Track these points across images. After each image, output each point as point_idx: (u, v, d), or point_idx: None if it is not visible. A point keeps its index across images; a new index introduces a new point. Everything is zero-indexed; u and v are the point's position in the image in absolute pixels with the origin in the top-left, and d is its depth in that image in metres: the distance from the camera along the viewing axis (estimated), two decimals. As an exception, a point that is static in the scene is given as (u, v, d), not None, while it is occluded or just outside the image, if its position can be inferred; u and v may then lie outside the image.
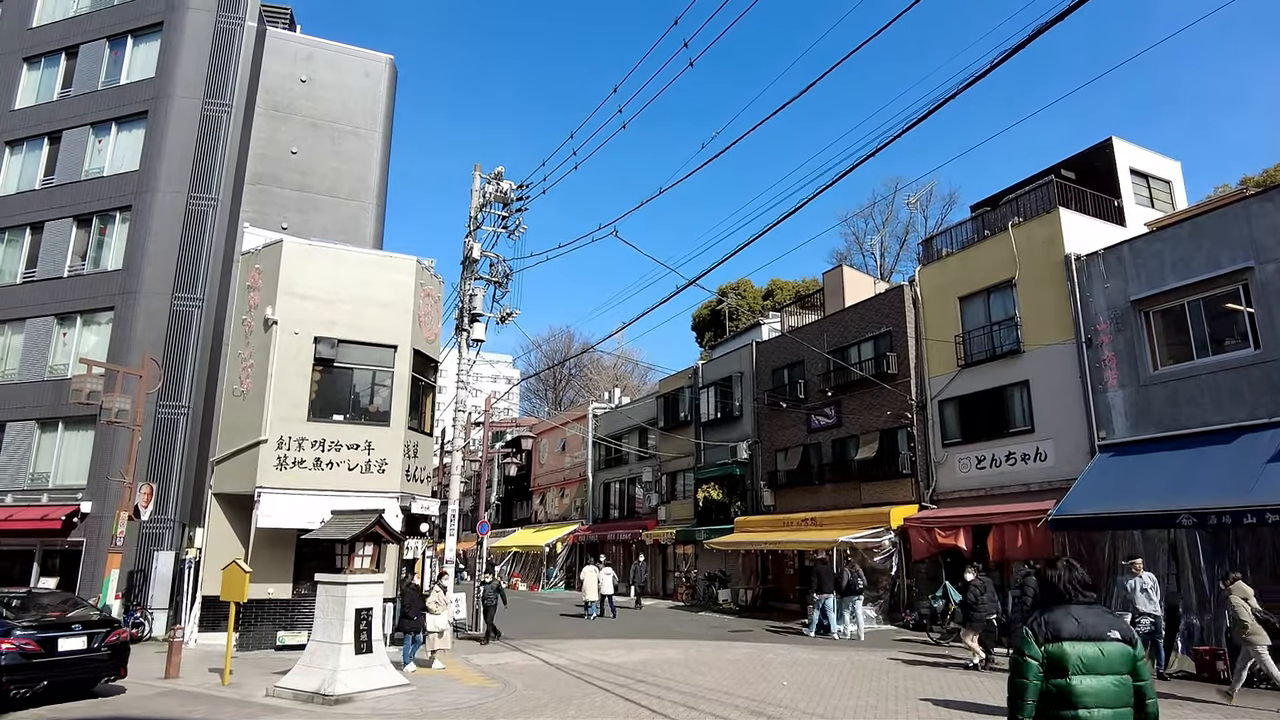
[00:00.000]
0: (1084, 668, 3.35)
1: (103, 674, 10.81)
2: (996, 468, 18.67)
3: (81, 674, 10.59)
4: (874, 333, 22.64)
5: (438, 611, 13.67)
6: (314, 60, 25.67)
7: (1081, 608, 3.47)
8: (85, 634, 10.56)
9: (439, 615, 13.72)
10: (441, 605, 13.79)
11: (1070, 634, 3.39)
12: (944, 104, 8.34)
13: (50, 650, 10.13)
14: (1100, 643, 3.37)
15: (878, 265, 44.21)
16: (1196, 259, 15.00)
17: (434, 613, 13.59)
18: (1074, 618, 3.43)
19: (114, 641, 10.87)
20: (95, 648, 10.58)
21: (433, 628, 13.57)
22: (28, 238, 22.87)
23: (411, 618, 13.21)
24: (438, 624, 13.68)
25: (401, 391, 17.15)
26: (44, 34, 24.51)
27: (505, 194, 19.78)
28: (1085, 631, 3.39)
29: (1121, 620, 3.47)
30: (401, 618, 13.52)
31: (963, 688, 11.48)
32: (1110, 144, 20.47)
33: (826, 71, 9.22)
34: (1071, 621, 3.42)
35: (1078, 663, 3.34)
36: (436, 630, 13.64)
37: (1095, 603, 3.52)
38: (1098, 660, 3.35)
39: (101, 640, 10.69)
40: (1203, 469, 13.76)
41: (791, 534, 23.15)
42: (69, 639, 10.39)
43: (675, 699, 10.42)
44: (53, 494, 20.17)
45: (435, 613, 13.62)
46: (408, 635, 13.24)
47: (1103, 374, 16.52)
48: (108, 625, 11.08)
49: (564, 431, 42.23)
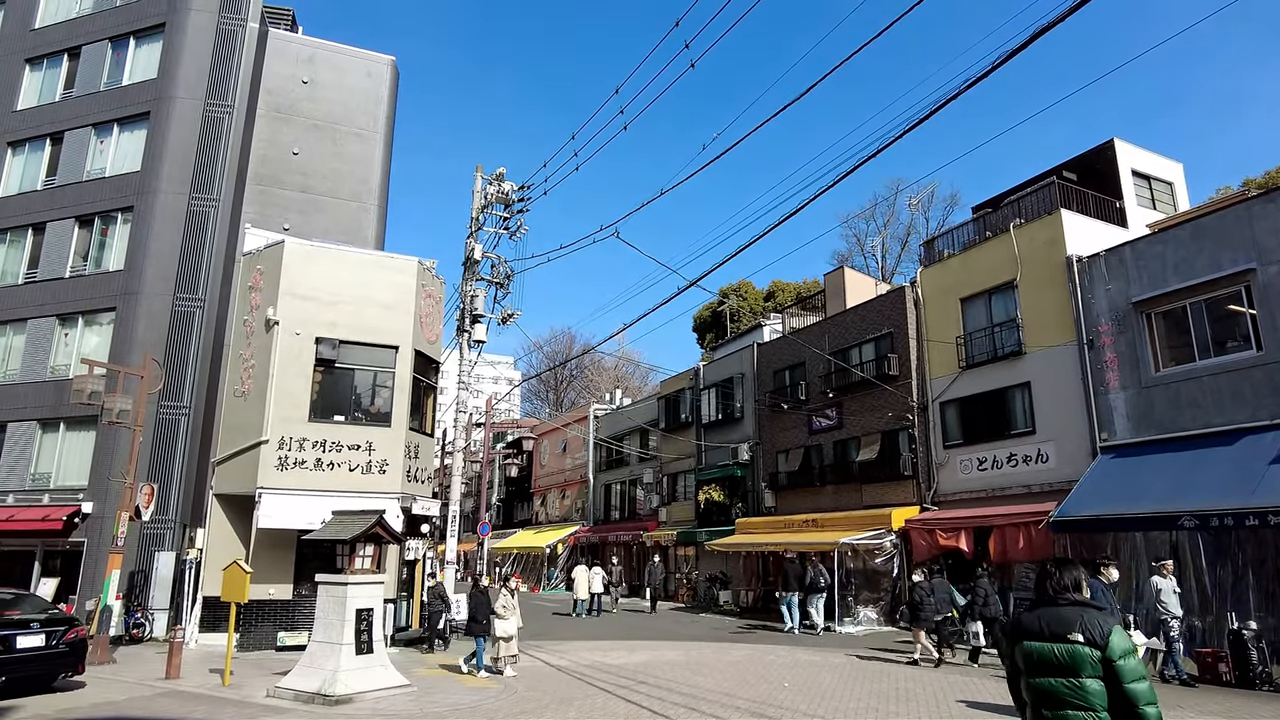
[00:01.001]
0: (1036, 668, 3.35)
1: (61, 670, 11.29)
2: (998, 469, 18.66)
3: (40, 670, 11.05)
4: (875, 334, 22.63)
5: (506, 616, 12.84)
6: (316, 61, 25.69)
7: (1057, 608, 3.42)
8: (44, 632, 11.01)
9: (508, 619, 12.87)
10: (509, 609, 12.92)
11: (1030, 634, 3.40)
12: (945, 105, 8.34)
13: (9, 648, 10.53)
14: (1057, 643, 3.32)
15: (879, 267, 44.21)
16: (1198, 261, 14.99)
17: (502, 617, 12.78)
18: (1040, 618, 3.41)
19: (72, 639, 11.33)
20: (54, 645, 11.03)
21: (501, 633, 12.77)
22: (30, 238, 22.90)
23: (481, 621, 12.63)
24: (506, 629, 12.84)
25: (403, 392, 17.15)
26: (46, 35, 24.55)
27: (507, 195, 19.81)
28: (1044, 632, 3.37)
29: (1096, 621, 3.31)
30: (470, 621, 12.89)
31: (964, 689, 11.46)
32: (1112, 145, 20.46)
33: (828, 73, 9.23)
34: (1035, 622, 3.41)
35: (1030, 663, 3.37)
36: (505, 635, 12.83)
37: (1084, 604, 3.41)
38: (1048, 661, 3.32)
39: (59, 638, 11.16)
40: (1204, 471, 13.75)
41: (792, 535, 23.13)
42: (27, 637, 10.81)
43: (676, 700, 10.41)
44: (54, 494, 20.18)
45: (503, 617, 12.81)
46: (478, 639, 12.70)
47: (1104, 376, 16.50)
48: (66, 623, 11.50)
49: (565, 433, 42.23)
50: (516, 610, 13.00)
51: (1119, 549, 15.11)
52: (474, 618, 12.80)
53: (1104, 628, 3.27)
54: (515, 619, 13.00)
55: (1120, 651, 3.23)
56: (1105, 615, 3.35)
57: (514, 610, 12.96)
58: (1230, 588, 13.11)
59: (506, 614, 12.87)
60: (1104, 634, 3.26)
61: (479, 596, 12.92)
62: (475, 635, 12.78)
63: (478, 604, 12.83)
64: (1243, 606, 12.76)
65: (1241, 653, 12.00)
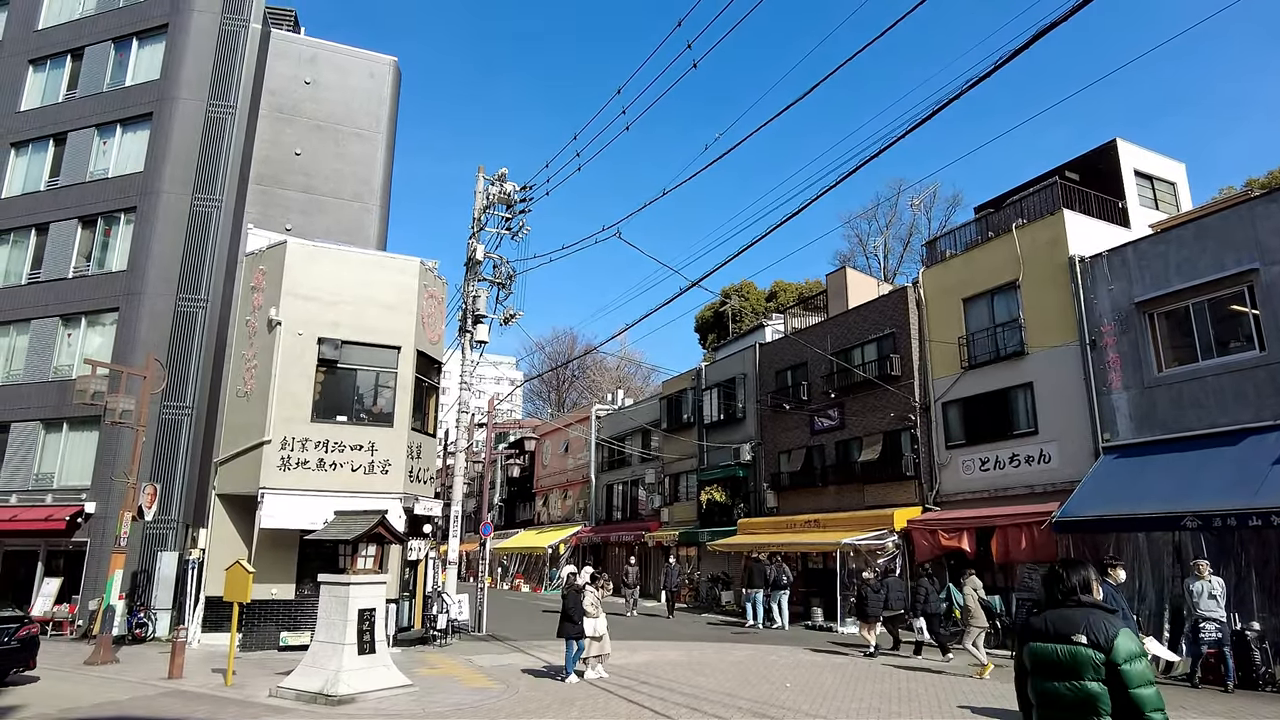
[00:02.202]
0: (1040, 670, 3.31)
1: (12, 665, 11.57)
2: (1000, 470, 18.63)
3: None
4: (877, 334, 22.61)
5: (595, 615, 12.45)
6: (318, 62, 25.72)
7: (1065, 609, 3.36)
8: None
9: (597, 619, 12.50)
10: (598, 608, 12.56)
11: (1036, 635, 3.36)
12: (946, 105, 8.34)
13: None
14: (1060, 645, 3.26)
15: (881, 267, 44.19)
16: (1201, 261, 14.97)
17: (591, 615, 12.36)
18: (1047, 619, 3.36)
19: (24, 635, 11.63)
20: (4, 641, 11.31)
21: (591, 632, 12.34)
22: (33, 239, 22.95)
23: (575, 621, 12.10)
24: (596, 628, 12.45)
25: (405, 393, 17.16)
26: (50, 36, 24.60)
27: (509, 196, 19.84)
28: (1048, 633, 3.31)
29: (1103, 623, 3.23)
30: (563, 621, 12.32)
31: (965, 690, 11.45)
32: (1114, 146, 20.43)
33: (829, 74, 9.23)
34: (1042, 623, 3.36)
35: (1035, 664, 3.33)
36: (595, 635, 12.44)
37: (1093, 605, 3.34)
38: (1051, 663, 3.27)
39: (11, 635, 11.44)
40: (1208, 471, 13.72)
41: (794, 536, 23.12)
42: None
43: (678, 700, 10.41)
44: (57, 494, 20.22)
45: (593, 616, 12.40)
46: (569, 641, 12.22)
47: (1107, 376, 16.48)
48: (17, 621, 11.85)
49: (567, 433, 42.24)
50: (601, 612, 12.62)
51: (1122, 550, 15.08)
52: (569, 617, 12.19)
53: (1110, 630, 3.19)
54: (604, 617, 12.70)
55: (1125, 655, 3.14)
56: (1114, 618, 3.26)
57: (601, 609, 12.61)
58: (1233, 589, 13.06)
59: (596, 612, 12.49)
60: (1109, 636, 3.17)
61: (573, 596, 12.34)
62: (569, 636, 12.20)
63: (572, 603, 12.22)
64: (1245, 607, 12.73)
65: (1244, 653, 11.98)
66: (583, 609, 12.16)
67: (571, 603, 12.20)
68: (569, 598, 12.33)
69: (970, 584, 13.91)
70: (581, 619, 12.10)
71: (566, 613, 12.18)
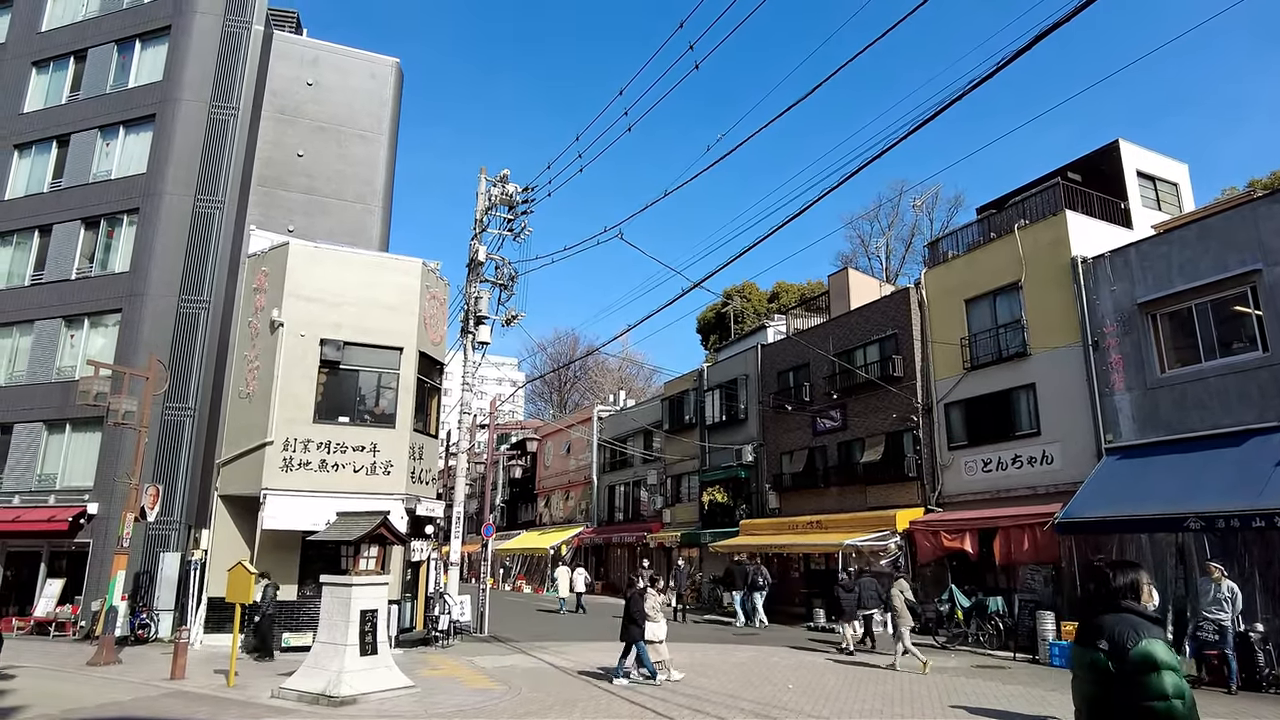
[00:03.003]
0: (1076, 671, 3.30)
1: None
2: (1003, 471, 18.61)
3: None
4: (879, 335, 22.60)
5: (656, 618, 12.23)
6: (320, 63, 25.75)
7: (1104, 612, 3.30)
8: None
9: (658, 623, 12.27)
10: (658, 611, 12.32)
11: (1077, 638, 3.35)
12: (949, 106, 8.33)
13: None
14: (1088, 648, 3.22)
15: (883, 268, 44.15)
16: (1204, 261, 14.94)
17: (653, 619, 12.13)
18: (1087, 622, 3.34)
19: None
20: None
21: (652, 636, 12.13)
22: (36, 240, 23.00)
23: (639, 624, 11.87)
24: (657, 631, 12.25)
25: (407, 394, 17.17)
26: (53, 38, 24.66)
27: (511, 197, 19.86)
28: (1082, 637, 3.30)
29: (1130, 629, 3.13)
30: (626, 624, 12.04)
31: (968, 692, 11.44)
32: (1117, 146, 20.40)
33: (831, 75, 9.22)
34: (1084, 625, 3.36)
35: (1074, 665, 3.33)
36: (657, 638, 12.25)
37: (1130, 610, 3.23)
38: (1082, 665, 3.26)
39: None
40: (1211, 472, 13.69)
41: (796, 537, 23.11)
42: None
43: (680, 702, 10.40)
44: (60, 495, 20.26)
45: (654, 619, 12.18)
46: (638, 644, 11.93)
47: (1109, 377, 16.46)
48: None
49: (569, 434, 42.24)
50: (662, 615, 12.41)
51: (1124, 551, 15.06)
52: (633, 620, 11.95)
53: (1136, 637, 3.09)
54: (664, 621, 12.49)
55: (1140, 663, 3.04)
56: (1148, 625, 3.13)
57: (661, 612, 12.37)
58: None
59: (657, 615, 12.25)
60: (1132, 643, 3.08)
61: (636, 598, 12.11)
62: (633, 640, 11.95)
63: (635, 606, 11.97)
64: (1249, 609, 12.69)
65: (1248, 655, 11.95)
66: (645, 612, 11.94)
67: (635, 605, 11.97)
68: (632, 600, 12.10)
69: (898, 586, 14.34)
70: (645, 622, 11.88)
71: (630, 615, 11.97)
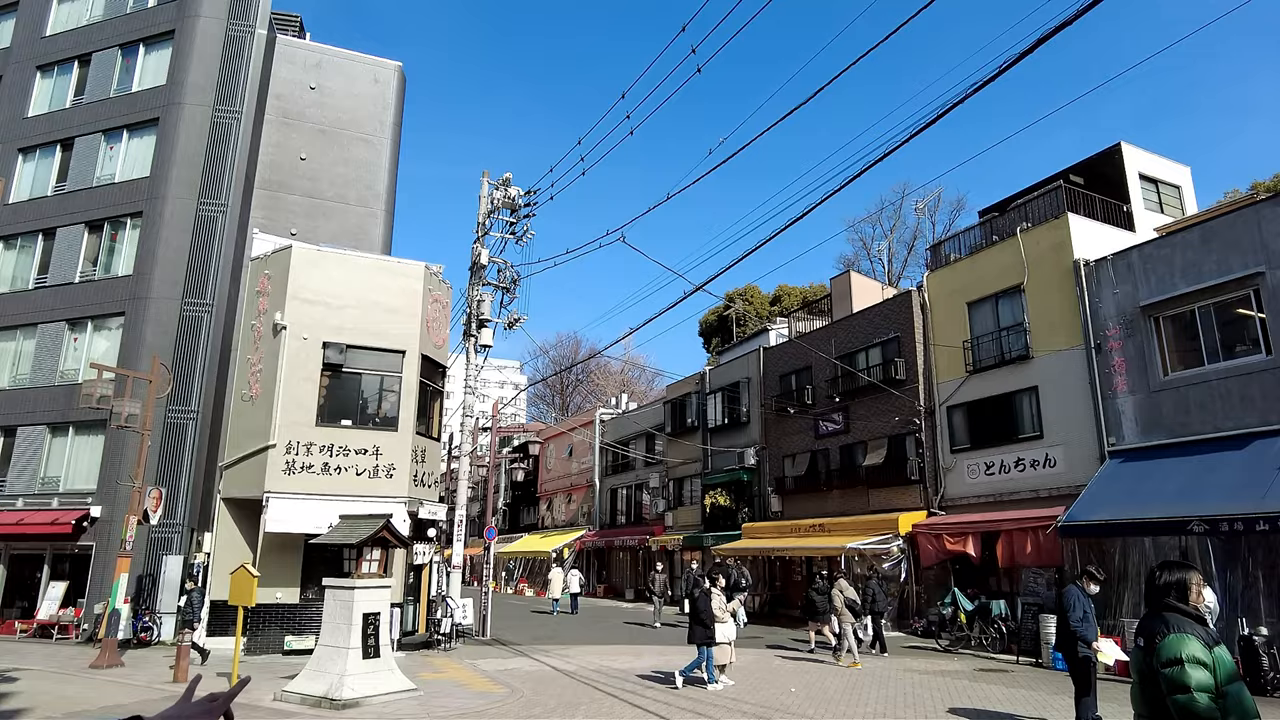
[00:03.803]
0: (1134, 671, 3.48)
1: None
2: (1005, 474, 18.58)
3: None
4: (882, 338, 22.59)
5: (724, 619, 11.95)
6: (323, 67, 25.82)
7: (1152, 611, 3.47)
8: None
9: (726, 624, 12.01)
10: (725, 612, 12.05)
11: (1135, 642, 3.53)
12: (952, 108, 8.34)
13: None
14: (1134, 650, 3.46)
15: (885, 271, 44.13)
16: (1207, 264, 14.93)
17: (720, 620, 11.87)
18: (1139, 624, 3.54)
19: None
20: None
21: (722, 637, 11.86)
22: (40, 244, 23.05)
23: (706, 626, 11.62)
24: (727, 632, 11.97)
25: (409, 397, 17.19)
26: (57, 42, 24.74)
27: (513, 200, 19.88)
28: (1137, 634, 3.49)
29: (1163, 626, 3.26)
30: (693, 625, 11.75)
31: (971, 696, 11.41)
32: (1119, 149, 20.38)
33: (834, 78, 9.24)
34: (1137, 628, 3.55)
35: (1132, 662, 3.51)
36: (727, 639, 11.98)
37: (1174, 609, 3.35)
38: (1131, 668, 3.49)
39: None
40: (1214, 475, 13.67)
41: (799, 540, 23.08)
42: None
43: (683, 705, 10.39)
44: (63, 498, 20.27)
45: (722, 621, 11.91)
46: (701, 648, 11.71)
47: (1112, 380, 16.44)
48: None
49: (571, 437, 42.24)
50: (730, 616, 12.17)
51: (1128, 554, 15.04)
52: (700, 622, 11.69)
53: (1165, 632, 3.24)
54: (732, 623, 12.25)
55: (1164, 659, 3.16)
56: (1183, 621, 3.25)
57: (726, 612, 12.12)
58: (1240, 593, 13.02)
59: (724, 616, 11.97)
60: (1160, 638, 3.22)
61: (703, 598, 11.84)
62: (699, 643, 11.70)
63: (702, 606, 11.73)
64: (1253, 612, 12.68)
65: (1252, 659, 11.92)
66: (713, 613, 11.71)
67: (702, 606, 11.69)
68: (699, 600, 11.83)
69: (837, 586, 15.15)
70: (712, 623, 11.66)
71: (697, 616, 11.71)
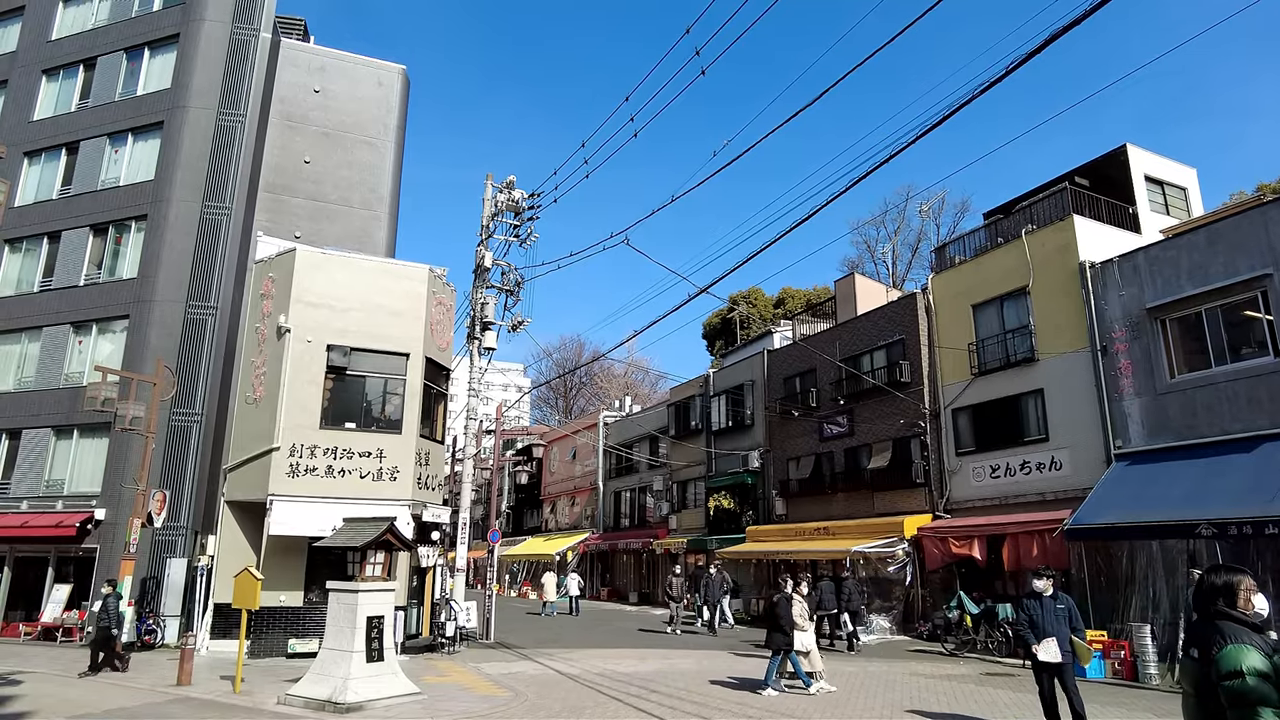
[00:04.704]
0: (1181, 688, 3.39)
1: None
2: (1011, 477, 18.50)
3: None
4: (886, 341, 22.53)
5: (804, 626, 11.75)
6: (327, 70, 25.86)
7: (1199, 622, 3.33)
8: None
9: (806, 630, 11.79)
10: (805, 619, 11.82)
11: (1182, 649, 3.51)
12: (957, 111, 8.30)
13: None
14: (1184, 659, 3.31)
15: (890, 273, 44.07)
16: (1214, 266, 14.86)
17: (801, 628, 11.67)
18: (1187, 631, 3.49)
19: None
20: None
21: (801, 645, 11.68)
22: (45, 247, 23.12)
23: (786, 632, 11.46)
24: (805, 641, 11.78)
25: (413, 399, 17.18)
26: (63, 46, 24.83)
27: (517, 203, 19.89)
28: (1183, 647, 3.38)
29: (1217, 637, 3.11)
30: (772, 631, 11.63)
31: (977, 699, 11.34)
32: (1124, 151, 20.32)
33: (839, 80, 9.21)
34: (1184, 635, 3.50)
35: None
36: (805, 649, 11.78)
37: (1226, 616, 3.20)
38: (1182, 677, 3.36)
39: None
40: (1222, 479, 13.59)
41: (804, 543, 23.01)
42: None
43: (689, 709, 10.33)
44: (67, 501, 20.29)
45: (802, 628, 11.71)
46: (778, 654, 11.58)
47: (1119, 382, 16.36)
48: None
49: (575, 440, 42.22)
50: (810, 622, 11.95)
51: (1135, 558, 14.97)
52: (779, 628, 11.55)
53: (1222, 643, 3.06)
54: (811, 630, 12.04)
55: (1223, 671, 2.99)
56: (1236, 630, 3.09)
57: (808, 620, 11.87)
58: (1249, 597, 12.95)
59: (805, 624, 11.77)
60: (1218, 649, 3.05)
61: (783, 604, 11.70)
62: (778, 647, 11.58)
63: (782, 612, 11.58)
64: (1262, 616, 12.59)
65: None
66: (793, 619, 11.58)
67: (781, 612, 11.60)
68: (779, 605, 11.73)
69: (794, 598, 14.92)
70: (792, 630, 11.54)
71: (777, 622, 11.63)
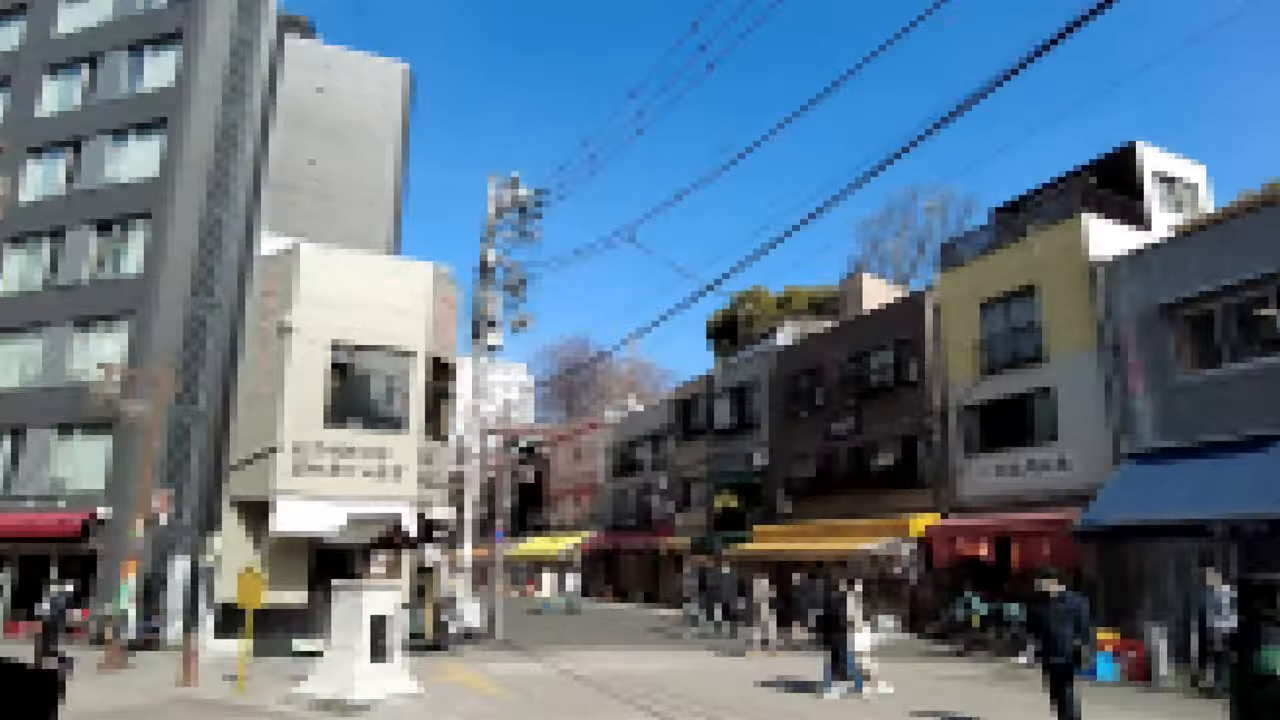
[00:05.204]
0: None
1: None
2: (1019, 476, 18.36)
3: None
4: (893, 339, 22.38)
5: (861, 627, 11.58)
6: (331, 69, 25.83)
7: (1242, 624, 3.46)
8: None
9: (863, 632, 11.59)
10: (860, 619, 11.59)
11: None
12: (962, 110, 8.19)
13: None
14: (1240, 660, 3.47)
15: (895, 272, 43.87)
16: (1225, 263, 14.70)
17: (857, 628, 11.50)
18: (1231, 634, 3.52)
19: None
20: None
21: (857, 647, 11.43)
22: (48, 245, 23.07)
23: (842, 630, 11.28)
24: (862, 641, 11.51)
25: (417, 398, 17.10)
26: (66, 44, 24.79)
27: (522, 201, 19.81)
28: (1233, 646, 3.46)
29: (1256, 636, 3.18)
30: (829, 631, 11.49)
31: (982, 700, 11.23)
32: (1133, 148, 20.18)
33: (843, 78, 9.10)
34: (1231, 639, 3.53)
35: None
36: (864, 649, 11.54)
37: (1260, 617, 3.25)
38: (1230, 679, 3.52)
39: None
40: (1233, 477, 13.44)
41: (810, 543, 22.89)
42: None
43: (696, 710, 10.25)
44: (70, 499, 20.25)
45: (858, 628, 11.53)
46: (843, 652, 11.37)
47: (1128, 381, 16.22)
48: None
49: (578, 439, 42.14)
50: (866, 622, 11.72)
51: (1145, 557, 14.84)
52: (836, 627, 11.39)
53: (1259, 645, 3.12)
54: (868, 630, 11.83)
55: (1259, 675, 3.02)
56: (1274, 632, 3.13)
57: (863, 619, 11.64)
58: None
59: (862, 624, 11.60)
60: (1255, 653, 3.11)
61: (839, 605, 11.55)
62: (835, 646, 11.41)
63: (840, 613, 11.44)
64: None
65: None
66: (850, 619, 11.42)
67: (838, 612, 11.44)
68: (834, 605, 11.61)
69: (758, 587, 16.83)
70: (850, 631, 11.39)
71: (833, 622, 11.49)
